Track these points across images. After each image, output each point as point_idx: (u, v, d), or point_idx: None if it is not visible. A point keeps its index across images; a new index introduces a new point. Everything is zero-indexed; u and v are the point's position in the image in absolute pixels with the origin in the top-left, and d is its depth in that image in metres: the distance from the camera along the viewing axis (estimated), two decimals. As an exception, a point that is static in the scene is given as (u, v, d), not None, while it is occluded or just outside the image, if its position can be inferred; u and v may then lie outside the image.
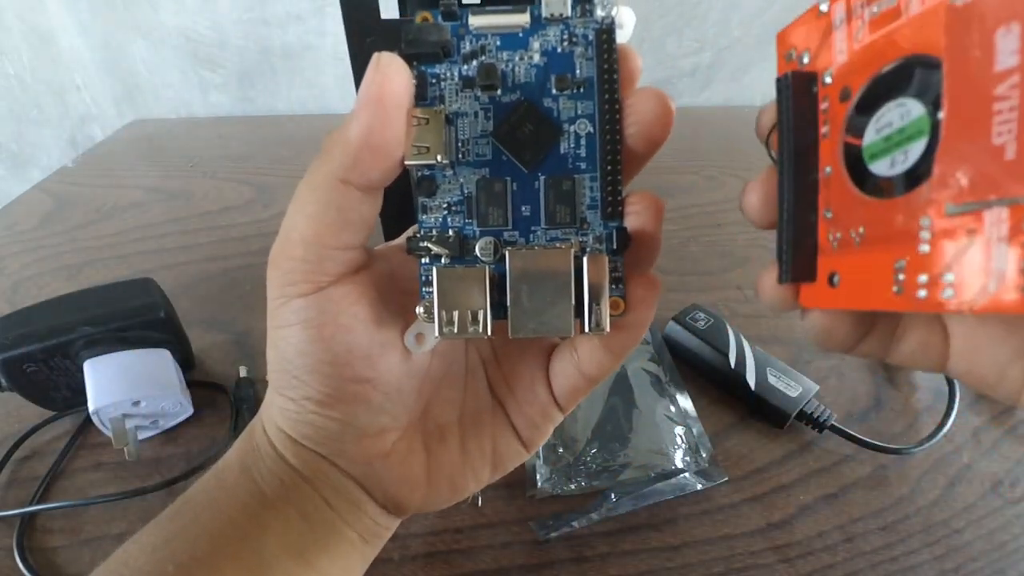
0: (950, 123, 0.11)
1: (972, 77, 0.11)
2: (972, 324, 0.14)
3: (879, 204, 0.13)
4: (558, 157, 0.17)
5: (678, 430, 0.35)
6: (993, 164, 0.10)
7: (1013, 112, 0.10)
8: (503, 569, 0.29)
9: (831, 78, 0.14)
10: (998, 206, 0.10)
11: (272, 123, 0.80)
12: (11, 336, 0.32)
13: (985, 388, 0.14)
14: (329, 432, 0.18)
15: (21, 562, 0.28)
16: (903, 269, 0.12)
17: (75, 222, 0.57)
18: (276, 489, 0.18)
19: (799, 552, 0.29)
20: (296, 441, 0.18)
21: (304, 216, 0.17)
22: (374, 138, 0.15)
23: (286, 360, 0.18)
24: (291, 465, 0.18)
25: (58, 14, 0.74)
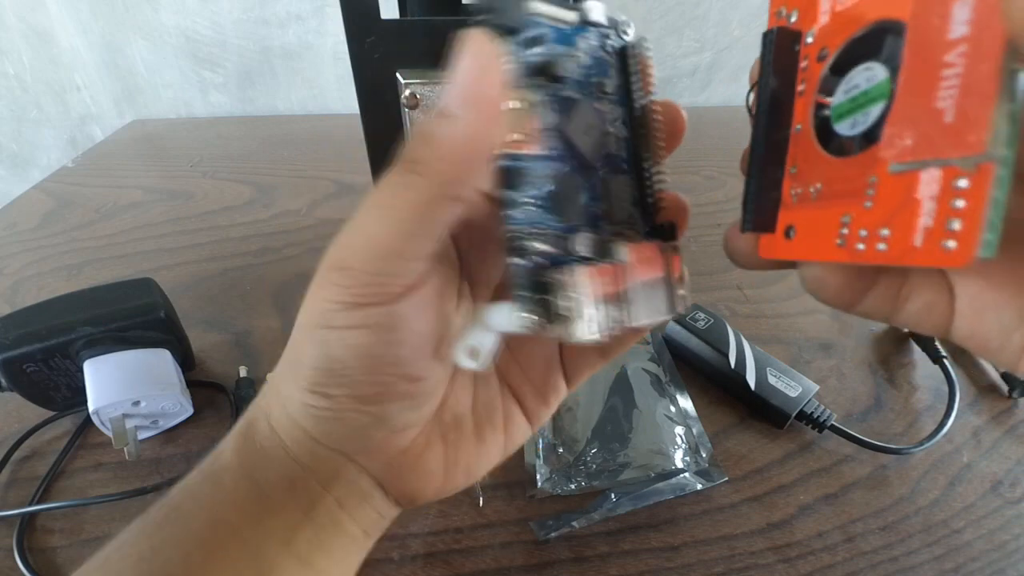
0: (904, 87, 0.12)
1: (929, 44, 0.11)
2: (979, 287, 0.14)
3: (837, 162, 0.14)
4: (606, 157, 0.17)
5: (678, 430, 0.35)
6: (934, 127, 0.11)
7: (957, 79, 0.10)
8: (503, 569, 0.29)
9: (812, 38, 0.15)
10: (934, 167, 0.11)
11: (272, 123, 0.81)
12: (11, 336, 0.32)
13: (988, 353, 0.14)
14: (359, 429, 0.17)
15: (21, 562, 0.28)
16: (848, 224, 0.13)
17: (75, 222, 0.57)
18: (282, 492, 0.18)
19: (799, 552, 0.29)
20: (316, 440, 0.18)
21: (388, 225, 0.15)
22: (480, 143, 0.14)
23: (336, 360, 0.16)
24: (303, 464, 0.18)
25: (58, 14, 0.74)
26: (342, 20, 0.29)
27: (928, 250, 0.11)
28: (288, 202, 0.60)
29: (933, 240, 0.11)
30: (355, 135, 0.34)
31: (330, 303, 0.16)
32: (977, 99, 0.10)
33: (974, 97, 0.10)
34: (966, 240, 0.10)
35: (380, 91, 0.31)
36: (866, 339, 0.42)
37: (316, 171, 0.66)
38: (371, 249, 0.15)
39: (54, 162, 0.85)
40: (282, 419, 0.18)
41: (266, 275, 0.49)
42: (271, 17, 0.76)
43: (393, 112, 0.32)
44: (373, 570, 0.28)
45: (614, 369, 0.38)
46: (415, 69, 0.31)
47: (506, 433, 0.21)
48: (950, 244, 0.10)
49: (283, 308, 0.45)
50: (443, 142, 0.14)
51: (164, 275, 0.48)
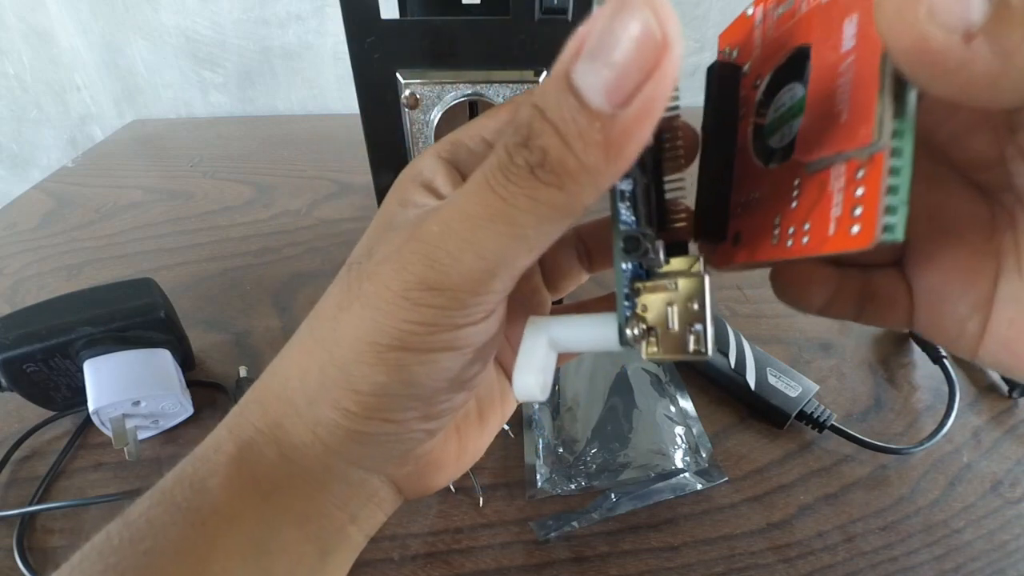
0: (811, 97, 0.13)
1: (828, 59, 0.13)
2: (932, 282, 0.15)
3: (770, 172, 0.15)
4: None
5: (678, 430, 0.35)
6: (834, 126, 0.12)
7: (848, 83, 0.12)
8: (503, 569, 0.29)
9: (748, 69, 0.16)
10: (839, 161, 0.12)
11: (272, 123, 0.81)
12: (11, 336, 0.32)
13: (947, 343, 0.15)
14: (411, 446, 0.16)
15: (21, 562, 0.28)
16: (779, 224, 0.14)
17: (75, 222, 0.57)
18: (294, 530, 0.16)
19: (799, 552, 0.29)
20: (349, 462, 0.16)
21: (508, 246, 0.12)
22: (634, 150, 0.10)
23: (413, 384, 0.14)
24: (323, 488, 0.16)
25: (58, 14, 0.74)
26: (342, 20, 0.29)
27: (839, 237, 0.12)
28: (288, 202, 0.60)
29: (842, 227, 0.12)
30: (355, 135, 0.34)
31: (416, 325, 0.13)
32: (863, 97, 0.11)
33: (861, 95, 0.11)
34: (867, 224, 0.11)
35: (380, 91, 0.31)
36: (866, 339, 0.42)
37: (316, 171, 0.66)
38: (483, 271, 0.13)
39: (54, 162, 0.85)
40: (302, 444, 0.16)
41: (266, 275, 0.49)
42: (271, 17, 0.76)
43: (393, 112, 0.32)
44: (373, 570, 0.28)
45: (614, 369, 0.38)
46: (415, 69, 0.31)
47: (502, 409, 0.21)
48: (855, 229, 0.11)
49: (283, 308, 0.45)
50: (595, 150, 0.10)
51: (164, 275, 0.48)
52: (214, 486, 0.15)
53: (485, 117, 0.17)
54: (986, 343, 0.14)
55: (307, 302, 0.46)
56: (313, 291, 0.47)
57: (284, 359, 0.17)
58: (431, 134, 0.32)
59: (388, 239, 0.15)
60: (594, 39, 0.10)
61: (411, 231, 0.14)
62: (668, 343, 0.14)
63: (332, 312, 0.15)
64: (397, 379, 0.14)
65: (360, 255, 0.16)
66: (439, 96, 0.31)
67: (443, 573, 0.28)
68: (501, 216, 0.12)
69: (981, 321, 0.14)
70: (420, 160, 0.17)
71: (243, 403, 0.17)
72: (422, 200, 0.16)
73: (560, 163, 0.10)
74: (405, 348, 0.14)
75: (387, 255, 0.14)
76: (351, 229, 0.55)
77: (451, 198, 0.13)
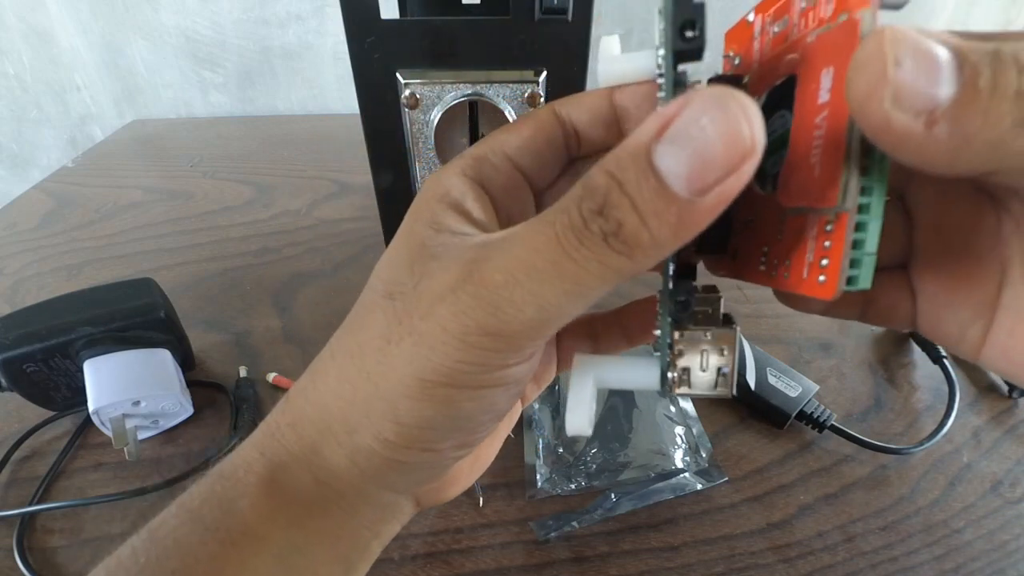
0: (792, 140, 0.13)
1: (808, 104, 0.12)
2: (936, 289, 0.15)
3: (763, 198, 0.15)
4: None
5: (678, 430, 0.35)
6: (809, 179, 0.12)
7: (821, 141, 0.12)
8: (503, 569, 0.29)
9: (747, 81, 0.16)
10: (812, 214, 0.12)
11: (272, 123, 0.80)
12: (11, 336, 0.32)
13: (949, 346, 0.15)
14: (445, 470, 0.17)
15: (21, 562, 0.28)
16: (766, 253, 0.15)
17: (75, 222, 0.57)
18: (327, 551, 0.16)
19: (799, 552, 0.29)
20: (385, 487, 0.17)
21: (569, 301, 0.13)
22: (711, 218, 0.11)
23: (459, 418, 0.15)
24: (356, 513, 0.17)
25: (58, 14, 0.74)
26: (342, 20, 0.29)
27: (810, 283, 0.12)
28: (288, 202, 0.60)
29: (812, 275, 0.12)
30: (355, 135, 0.34)
31: (470, 366, 0.14)
32: (832, 159, 0.11)
33: (830, 157, 0.12)
34: (831, 276, 0.12)
35: (380, 91, 0.31)
36: (866, 339, 0.42)
37: (316, 171, 0.66)
38: (543, 321, 0.13)
39: (54, 162, 0.85)
40: (338, 470, 0.16)
41: (266, 275, 0.49)
42: (271, 17, 0.76)
43: (393, 112, 0.32)
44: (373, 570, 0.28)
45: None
46: (415, 69, 0.31)
47: (510, 418, 0.22)
48: (821, 279, 0.12)
49: (283, 308, 0.45)
50: (668, 229, 0.11)
51: (164, 275, 0.48)
52: (244, 507, 0.15)
53: (505, 132, 0.17)
54: (987, 349, 0.14)
55: (307, 302, 0.46)
56: (313, 291, 0.47)
57: (320, 385, 0.16)
58: (431, 134, 0.32)
59: (433, 272, 0.14)
60: (682, 125, 0.10)
61: (467, 272, 0.13)
62: (697, 383, 0.16)
63: (379, 344, 0.15)
64: (443, 413, 0.15)
65: (397, 280, 0.15)
66: (439, 96, 0.31)
67: (443, 573, 0.28)
68: (569, 276, 0.12)
69: (983, 327, 0.14)
70: (444, 178, 0.16)
71: (274, 424, 0.17)
72: (457, 226, 0.15)
73: (634, 236, 0.11)
74: (455, 385, 0.14)
75: (441, 294, 0.14)
76: (351, 229, 0.55)
77: (511, 243, 0.13)
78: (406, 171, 0.34)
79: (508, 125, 0.17)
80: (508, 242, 0.13)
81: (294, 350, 0.41)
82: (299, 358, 0.40)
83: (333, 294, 0.47)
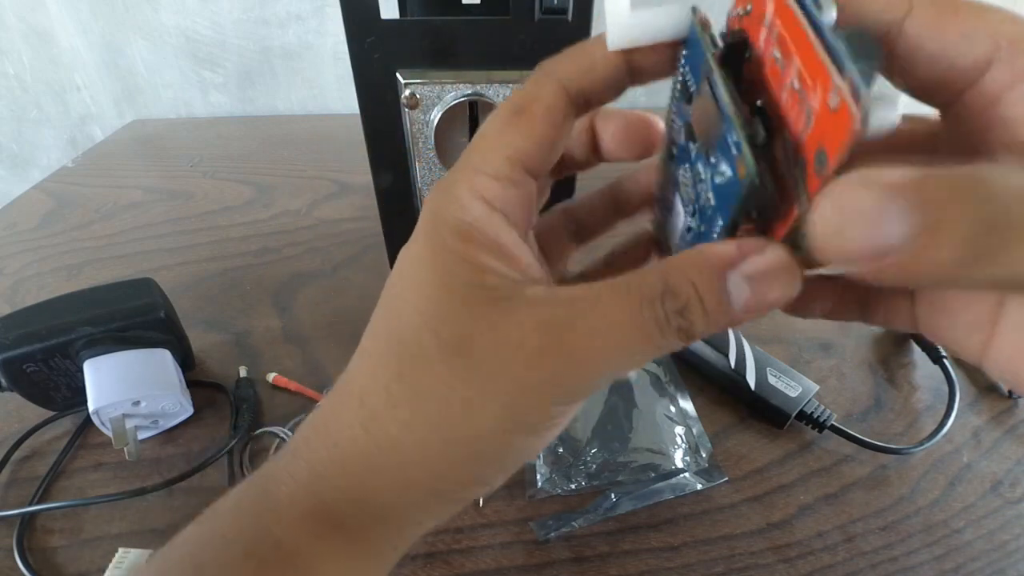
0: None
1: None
2: (934, 295, 0.15)
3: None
4: None
5: (678, 430, 0.35)
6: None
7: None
8: (503, 569, 0.29)
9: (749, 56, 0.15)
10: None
11: (272, 123, 0.80)
12: (11, 336, 0.32)
13: (952, 350, 0.15)
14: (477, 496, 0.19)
15: (21, 562, 0.28)
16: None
17: (75, 222, 0.57)
18: (368, 570, 0.17)
19: (799, 552, 0.29)
20: (430, 516, 0.17)
21: (633, 367, 0.15)
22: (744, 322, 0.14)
23: (523, 459, 0.17)
24: (400, 537, 0.17)
25: (58, 14, 0.74)
26: (342, 20, 0.29)
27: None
28: (288, 202, 0.60)
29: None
30: (355, 135, 0.34)
31: (543, 417, 0.15)
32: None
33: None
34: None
35: (380, 91, 0.31)
36: (866, 339, 0.42)
37: (316, 171, 0.66)
38: (608, 382, 0.16)
39: (54, 162, 0.85)
40: (393, 507, 0.17)
41: (266, 275, 0.49)
42: (271, 17, 0.76)
43: (393, 112, 0.32)
44: (373, 570, 0.28)
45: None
46: (415, 69, 0.31)
47: None
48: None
49: (283, 308, 0.45)
50: (715, 329, 0.14)
51: (164, 275, 0.48)
52: (289, 542, 0.16)
53: (513, 130, 0.15)
54: (992, 357, 0.14)
55: (307, 302, 0.46)
56: (313, 291, 0.47)
57: (375, 437, 0.16)
58: (431, 134, 0.32)
59: (502, 327, 0.14)
60: (753, 270, 0.13)
61: (552, 337, 0.14)
62: None
63: (450, 400, 0.15)
64: (510, 457, 0.16)
65: (456, 332, 0.15)
66: (439, 96, 0.31)
67: (443, 573, 0.28)
68: (643, 353, 0.14)
69: (986, 333, 0.14)
70: (465, 204, 0.15)
71: (319, 464, 0.16)
72: (498, 266, 0.15)
73: (696, 333, 0.14)
74: (527, 434, 0.16)
75: (524, 358, 0.14)
76: (351, 229, 0.55)
77: (595, 314, 0.14)
78: (406, 171, 0.34)
79: (511, 115, 0.16)
80: (591, 312, 0.14)
81: (294, 350, 0.41)
82: (299, 358, 0.40)
83: (333, 294, 0.47)
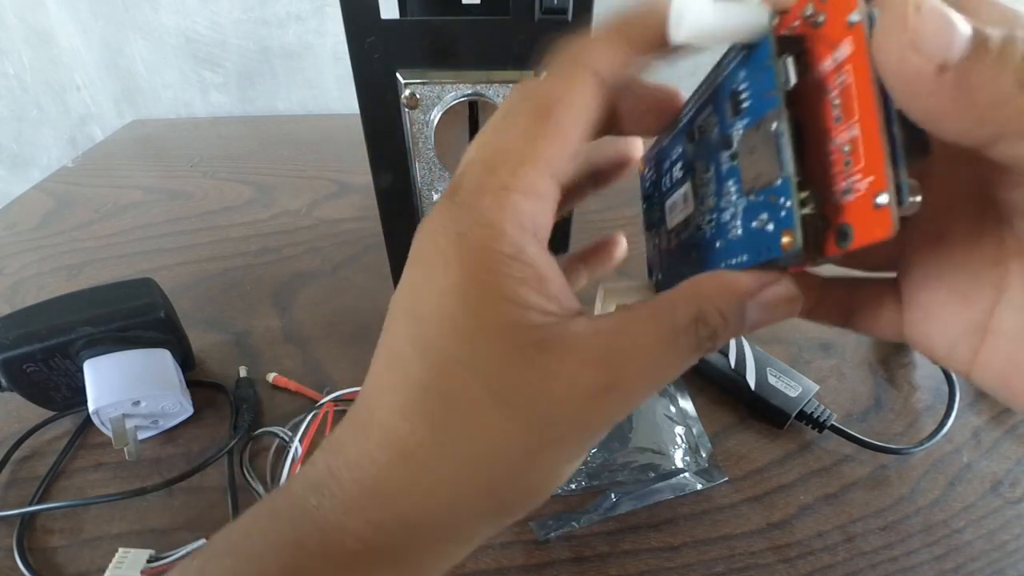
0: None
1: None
2: (926, 300, 0.15)
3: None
4: None
5: (678, 430, 0.35)
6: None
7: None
8: (503, 569, 0.29)
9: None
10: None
11: (272, 123, 0.80)
12: (11, 336, 0.32)
13: (936, 359, 0.15)
14: None
15: (21, 562, 0.28)
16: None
17: (75, 222, 0.57)
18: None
19: (799, 552, 0.29)
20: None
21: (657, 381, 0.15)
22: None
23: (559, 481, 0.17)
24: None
25: (58, 14, 0.74)
26: (342, 20, 0.29)
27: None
28: (288, 202, 0.60)
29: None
30: (355, 135, 0.34)
31: (593, 444, 0.17)
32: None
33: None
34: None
35: (380, 91, 0.31)
36: (866, 339, 0.42)
37: (316, 171, 0.66)
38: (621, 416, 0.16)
39: (54, 162, 0.85)
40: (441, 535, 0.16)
41: (266, 275, 0.49)
42: (271, 17, 0.76)
43: (393, 112, 0.32)
44: (373, 570, 0.28)
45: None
46: (415, 69, 0.31)
47: None
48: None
49: (283, 308, 0.45)
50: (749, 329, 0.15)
51: (164, 275, 0.48)
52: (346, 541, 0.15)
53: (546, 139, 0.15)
54: (981, 368, 0.14)
55: (307, 302, 0.46)
56: (313, 291, 0.47)
57: (424, 489, 0.15)
58: (431, 134, 0.32)
59: (549, 367, 0.14)
60: (769, 298, 0.14)
61: (607, 378, 0.14)
62: None
63: (506, 448, 0.15)
64: (558, 483, 0.16)
65: (506, 380, 0.14)
66: (439, 96, 0.31)
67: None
68: (677, 374, 0.15)
69: (972, 347, 0.14)
70: (499, 231, 0.14)
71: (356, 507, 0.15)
72: (543, 303, 0.14)
73: (717, 348, 0.15)
74: (578, 460, 0.17)
75: (573, 397, 0.14)
76: (351, 229, 0.55)
77: (637, 350, 0.14)
78: (406, 171, 0.34)
79: (538, 117, 0.15)
80: (634, 347, 0.14)
81: (294, 350, 0.41)
82: (299, 358, 0.40)
83: (333, 294, 0.47)
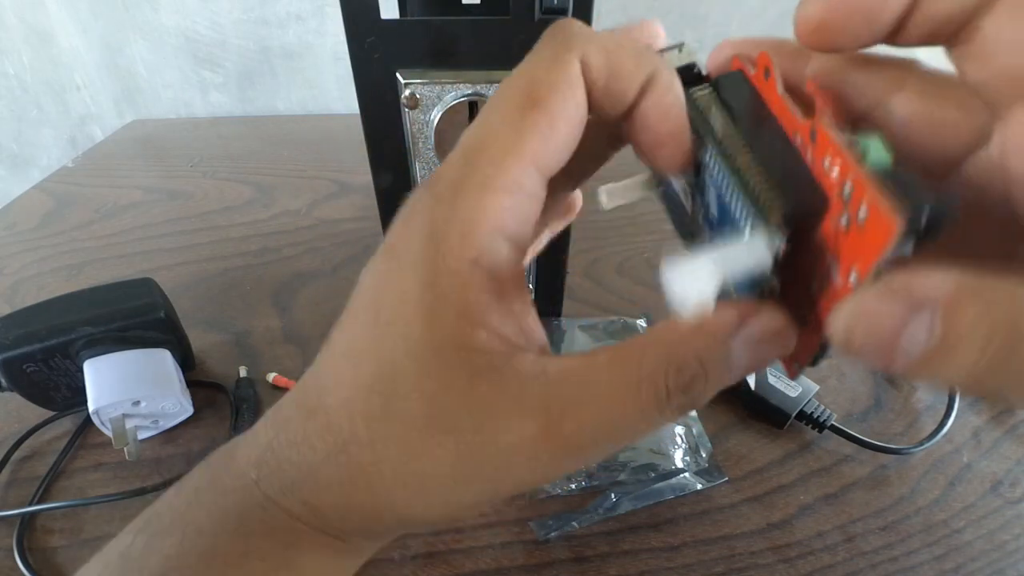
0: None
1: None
2: None
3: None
4: None
5: (678, 430, 0.35)
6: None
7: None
8: (503, 569, 0.29)
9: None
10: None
11: (272, 123, 0.80)
12: (11, 336, 0.32)
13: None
14: None
15: (21, 562, 0.28)
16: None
17: (75, 222, 0.57)
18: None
19: (799, 552, 0.29)
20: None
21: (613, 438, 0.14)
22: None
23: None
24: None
25: (58, 14, 0.74)
26: (342, 20, 0.29)
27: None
28: (288, 202, 0.60)
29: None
30: (355, 135, 0.34)
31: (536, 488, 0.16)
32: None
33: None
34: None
35: (380, 91, 0.31)
36: (866, 339, 0.42)
37: (316, 171, 0.66)
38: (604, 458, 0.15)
39: (54, 162, 0.85)
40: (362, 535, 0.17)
41: (266, 275, 0.49)
42: (271, 17, 0.76)
43: (393, 112, 0.32)
44: (373, 569, 0.28)
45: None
46: (415, 69, 0.31)
47: None
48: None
49: (283, 308, 0.45)
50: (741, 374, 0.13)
51: (164, 275, 0.48)
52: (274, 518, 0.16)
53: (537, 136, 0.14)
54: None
55: (307, 302, 0.46)
56: (313, 291, 0.47)
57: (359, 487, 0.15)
58: (431, 134, 0.32)
59: (497, 412, 0.14)
60: (754, 333, 0.13)
61: (546, 427, 0.13)
62: None
63: (435, 469, 0.14)
64: (474, 511, 0.16)
65: (448, 408, 0.14)
66: (439, 96, 0.31)
67: (443, 573, 0.28)
68: (642, 432, 0.14)
69: None
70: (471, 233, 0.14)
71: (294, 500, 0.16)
72: (496, 323, 0.14)
73: (701, 404, 0.13)
74: (505, 500, 0.17)
75: (517, 447, 0.14)
76: (351, 229, 0.55)
77: (590, 399, 0.13)
78: (406, 171, 0.34)
79: (524, 107, 0.14)
80: (587, 396, 0.13)
81: (294, 350, 0.41)
82: (299, 358, 0.40)
83: (333, 294, 0.47)
